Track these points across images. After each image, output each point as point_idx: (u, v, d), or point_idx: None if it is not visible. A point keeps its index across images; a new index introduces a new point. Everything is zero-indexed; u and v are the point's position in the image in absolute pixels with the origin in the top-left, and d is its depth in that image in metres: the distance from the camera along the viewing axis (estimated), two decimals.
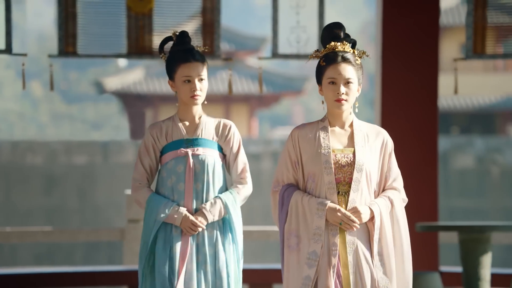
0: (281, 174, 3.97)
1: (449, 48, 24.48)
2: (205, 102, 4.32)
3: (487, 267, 6.28)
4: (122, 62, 29.52)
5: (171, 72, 4.30)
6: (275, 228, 8.65)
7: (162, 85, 25.21)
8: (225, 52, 23.46)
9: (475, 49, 6.24)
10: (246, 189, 4.36)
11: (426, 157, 6.67)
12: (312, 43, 6.33)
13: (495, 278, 6.86)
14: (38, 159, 17.02)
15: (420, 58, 6.75)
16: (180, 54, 4.26)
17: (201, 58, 4.28)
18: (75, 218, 16.95)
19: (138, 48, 6.14)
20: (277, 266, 7.34)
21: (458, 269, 6.82)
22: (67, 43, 6.17)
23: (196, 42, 6.28)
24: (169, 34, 4.33)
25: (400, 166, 3.98)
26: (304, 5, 6.34)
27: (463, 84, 7.04)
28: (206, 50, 4.34)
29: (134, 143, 18.61)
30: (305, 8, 6.42)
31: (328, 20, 6.40)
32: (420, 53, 6.74)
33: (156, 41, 6.16)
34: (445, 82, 7.95)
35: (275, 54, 6.47)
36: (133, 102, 26.00)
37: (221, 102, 25.25)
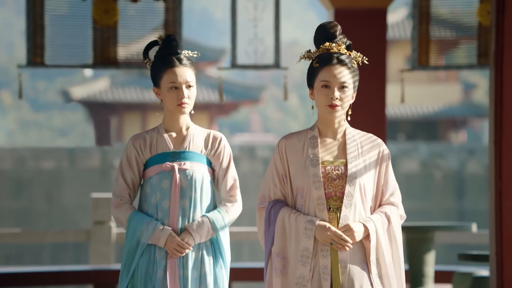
0: (268, 189, 3.38)
1: (396, 60, 24.68)
2: (192, 112, 3.74)
3: (431, 265, 6.33)
4: (88, 72, 29.30)
5: (156, 78, 3.72)
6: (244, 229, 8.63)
7: (127, 94, 25.06)
8: None
9: (420, 61, 6.29)
10: (235, 208, 3.75)
11: None
12: (269, 54, 6.34)
13: (438, 275, 6.93)
14: (7, 165, 16.83)
15: (369, 69, 6.78)
16: (166, 59, 3.69)
17: (189, 63, 3.71)
18: (43, 220, 16.78)
19: (103, 59, 6.10)
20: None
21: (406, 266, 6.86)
22: (36, 54, 6.11)
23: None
24: (134, 45, 4.13)
25: None
26: (261, 18, 6.34)
27: (409, 94, 7.10)
28: (195, 55, 3.77)
29: (99, 149, 18.48)
30: (262, 22, 6.42)
31: (283, 33, 6.41)
32: (369, 65, 6.75)
33: (121, 52, 6.11)
34: (392, 92, 8.01)
35: (234, 65, 6.46)
36: (98, 110, 25.81)
37: None
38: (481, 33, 6.36)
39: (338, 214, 3.30)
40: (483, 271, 6.11)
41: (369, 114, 6.70)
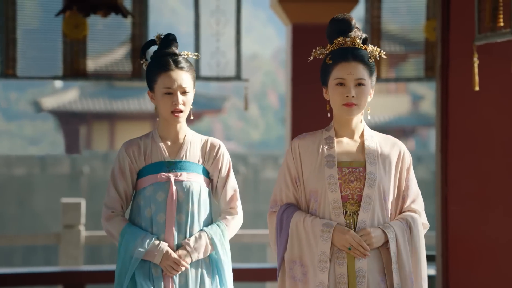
0: (280, 193, 2.97)
1: None
2: (192, 118, 3.31)
3: None
4: (58, 83, 29.06)
5: (150, 82, 3.26)
6: None
7: (95, 104, 24.90)
8: None
9: None
10: (236, 221, 3.29)
11: None
12: (230, 67, 6.35)
13: None
14: None
15: None
16: (162, 61, 3.21)
17: (186, 67, 3.25)
18: (14, 224, 16.58)
19: (73, 71, 6.06)
20: None
21: None
22: (8, 66, 6.06)
23: (126, 66, 6.23)
24: (102, 57, 3.74)
25: None
26: (223, 33, 6.35)
27: None
28: (195, 57, 3.31)
29: (69, 156, 18.34)
30: (224, 36, 6.43)
31: (244, 47, 6.43)
32: None
33: (90, 64, 6.08)
34: None
35: (197, 77, 6.45)
36: (68, 120, 25.61)
37: (149, 119, 25.07)
38: (427, 48, 6.43)
39: (355, 219, 2.86)
40: (430, 271, 6.17)
41: (326, 123, 6.74)
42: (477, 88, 4.28)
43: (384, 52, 2.96)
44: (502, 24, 4.15)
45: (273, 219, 2.98)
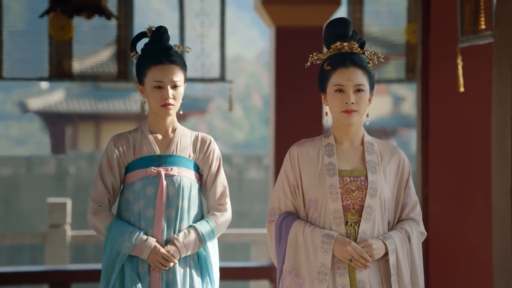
0: (278, 201, 2.85)
1: None
2: (181, 112, 3.18)
3: None
4: (44, 84, 28.92)
5: (140, 75, 3.13)
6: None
7: (81, 105, 24.82)
8: None
9: None
10: (225, 218, 3.19)
11: None
12: (215, 68, 6.34)
13: None
14: None
15: (307, 82, 6.84)
16: (153, 54, 3.08)
17: (178, 60, 3.11)
18: (0, 223, 16.48)
19: (59, 72, 6.03)
20: None
21: None
22: None
23: (111, 67, 6.21)
24: (88, 59, 3.62)
25: None
26: (208, 35, 6.34)
27: None
28: (187, 51, 3.23)
29: (55, 157, 18.27)
30: (208, 38, 6.42)
31: (228, 49, 6.43)
32: (307, 79, 6.83)
33: (76, 65, 6.06)
34: None
35: None
36: (54, 121, 25.50)
37: (135, 120, 25.03)
38: (408, 50, 6.45)
39: (356, 229, 2.76)
40: None
41: (308, 124, 6.75)
42: (462, 89, 4.30)
43: (382, 56, 2.90)
44: (483, 26, 4.17)
45: (272, 229, 2.86)
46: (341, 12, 6.83)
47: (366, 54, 2.86)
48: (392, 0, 6.58)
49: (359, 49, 2.86)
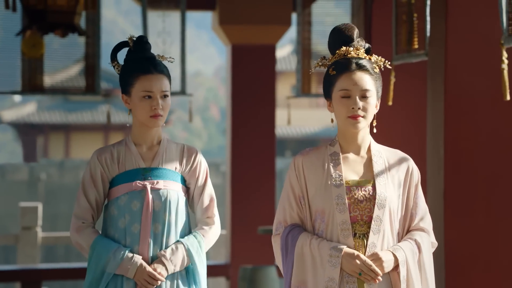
0: (283, 213, 2.53)
1: (283, 89, 24.99)
2: (163, 124, 2.83)
3: None
4: (17, 97, 28.54)
5: (126, 85, 2.80)
6: None
7: (52, 116, 24.55)
8: (104, 89, 23.28)
9: (303, 89, 6.40)
10: (213, 231, 2.86)
11: (266, 174, 6.78)
12: (176, 83, 6.33)
13: None
14: None
15: (261, 96, 6.88)
16: (140, 64, 2.78)
17: (165, 70, 2.82)
18: None
19: (31, 86, 5.97)
20: None
21: None
22: None
23: (80, 82, 6.16)
24: (58, 74, 3.29)
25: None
26: (169, 52, 6.33)
27: (294, 117, 7.21)
28: (171, 61, 2.88)
29: (27, 165, 18.05)
30: (170, 55, 6.39)
31: (188, 65, 6.43)
32: (261, 92, 6.87)
33: (47, 80, 6.00)
34: (280, 115, 8.12)
35: None
36: (26, 131, 25.17)
37: (101, 130, 24.80)
38: None
39: (365, 241, 2.46)
40: None
41: (261, 134, 6.78)
42: (390, 103, 4.37)
43: (389, 63, 2.57)
44: (416, 46, 4.24)
45: (278, 242, 2.53)
46: (292, 32, 6.89)
47: (373, 60, 2.55)
48: (337, 21, 6.65)
49: (365, 55, 2.56)
